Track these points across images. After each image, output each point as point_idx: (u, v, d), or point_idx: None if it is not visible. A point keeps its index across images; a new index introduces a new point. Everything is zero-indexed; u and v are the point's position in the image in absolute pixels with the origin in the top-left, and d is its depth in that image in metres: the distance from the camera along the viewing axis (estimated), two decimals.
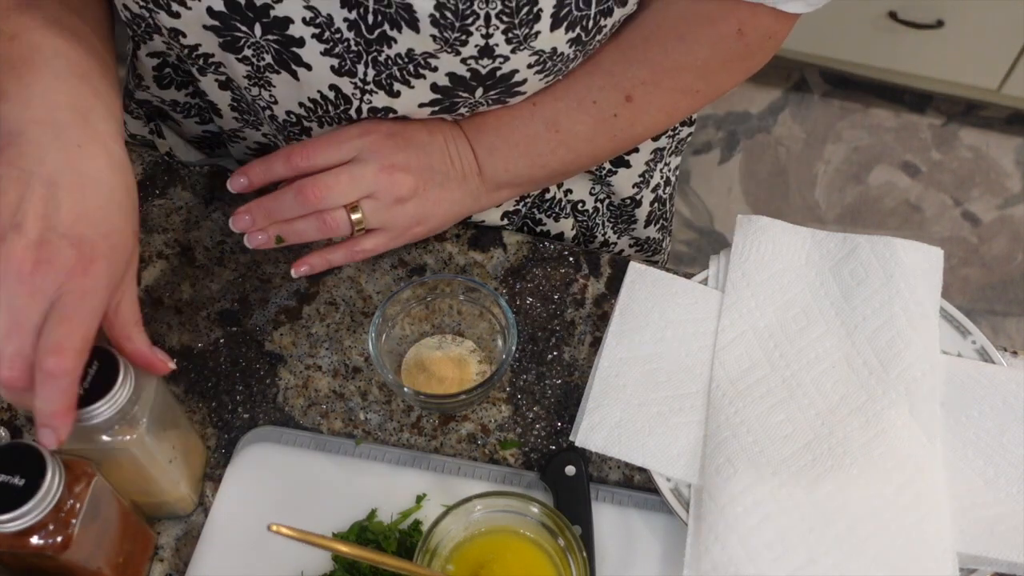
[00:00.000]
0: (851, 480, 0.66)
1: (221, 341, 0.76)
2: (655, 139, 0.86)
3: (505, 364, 0.69)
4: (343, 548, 0.58)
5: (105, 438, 0.58)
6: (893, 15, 1.94)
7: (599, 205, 0.90)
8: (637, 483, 0.70)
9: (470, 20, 0.58)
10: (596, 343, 0.76)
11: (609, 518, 0.68)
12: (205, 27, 0.62)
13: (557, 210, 0.87)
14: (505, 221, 0.84)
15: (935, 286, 0.75)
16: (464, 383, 0.74)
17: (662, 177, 0.92)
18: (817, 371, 0.72)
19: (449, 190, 0.72)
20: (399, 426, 0.73)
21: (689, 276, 0.78)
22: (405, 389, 0.68)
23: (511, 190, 0.77)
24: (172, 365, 0.59)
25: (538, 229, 0.88)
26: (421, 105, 0.67)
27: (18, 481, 0.53)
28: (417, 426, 0.73)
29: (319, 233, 0.70)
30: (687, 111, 0.75)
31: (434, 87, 0.65)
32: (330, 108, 0.68)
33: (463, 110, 0.69)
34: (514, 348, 0.69)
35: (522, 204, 0.84)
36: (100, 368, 0.56)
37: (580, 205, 0.89)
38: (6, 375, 0.51)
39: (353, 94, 0.66)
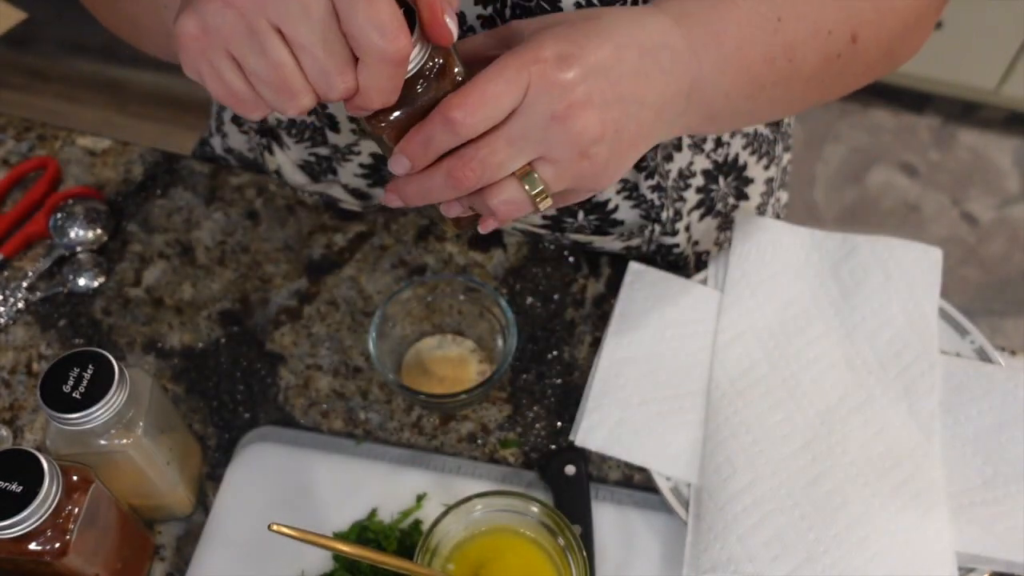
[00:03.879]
0: (850, 479, 0.66)
1: (222, 341, 0.76)
2: (765, 167, 0.82)
3: (505, 364, 0.69)
4: (343, 548, 0.58)
5: (102, 442, 0.58)
6: None
7: (718, 249, 0.85)
8: (637, 483, 0.70)
9: None
10: (596, 343, 0.76)
11: (609, 518, 0.68)
12: None
13: (679, 262, 0.84)
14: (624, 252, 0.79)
15: (934, 286, 0.75)
16: (464, 383, 0.74)
17: (773, 212, 0.88)
18: (816, 371, 0.72)
19: (645, 122, 0.54)
20: (399, 426, 0.73)
21: (689, 276, 0.78)
22: (405, 389, 0.68)
23: (707, 125, 0.61)
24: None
25: None
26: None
27: (16, 487, 0.53)
28: (417, 426, 0.73)
29: (495, 218, 0.54)
30: (878, 72, 0.65)
31: None
32: None
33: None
34: (514, 348, 0.69)
35: (646, 248, 0.80)
36: (96, 372, 0.57)
37: (704, 256, 0.86)
38: (342, 93, 0.46)
39: None
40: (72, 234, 0.79)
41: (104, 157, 0.87)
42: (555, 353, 0.76)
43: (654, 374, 0.72)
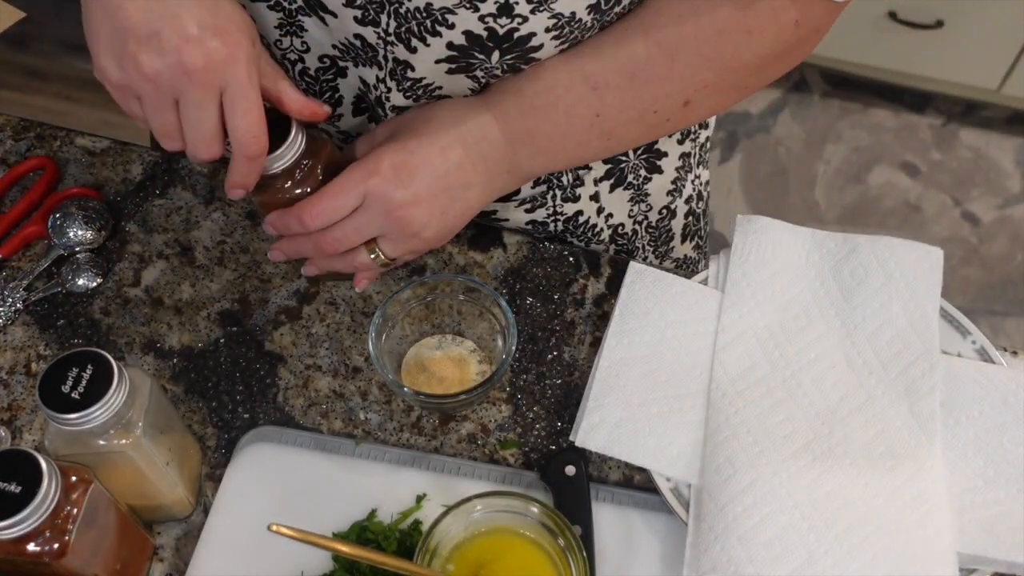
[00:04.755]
0: (851, 480, 0.66)
1: (221, 341, 0.76)
2: (679, 142, 0.85)
3: (505, 364, 0.69)
4: (343, 548, 0.58)
5: (101, 443, 0.58)
6: (893, 15, 1.94)
7: (638, 227, 0.88)
8: (637, 483, 0.70)
9: None
10: (596, 343, 0.76)
11: (609, 518, 0.68)
12: None
13: (591, 235, 0.85)
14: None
15: (935, 286, 0.75)
16: (464, 383, 0.74)
17: (694, 189, 0.91)
18: (817, 371, 0.72)
19: (471, 198, 0.70)
20: (399, 426, 0.73)
21: (689, 276, 0.78)
22: (405, 389, 0.68)
23: (545, 173, 0.75)
24: (327, 109, 0.65)
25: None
26: (438, 61, 0.65)
27: (15, 488, 0.53)
28: (417, 426, 0.73)
29: (353, 269, 0.71)
30: (723, 109, 0.73)
31: (450, 45, 0.63)
32: (360, 53, 0.68)
33: (479, 73, 0.66)
34: (514, 348, 0.69)
35: (553, 225, 0.83)
36: (95, 372, 0.56)
37: (620, 228, 0.87)
38: (204, 156, 0.60)
39: (377, 44, 0.66)
40: (71, 234, 0.79)
41: (103, 157, 0.87)
42: (555, 353, 0.76)
43: (654, 374, 0.72)
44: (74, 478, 0.56)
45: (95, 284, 0.78)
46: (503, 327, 0.71)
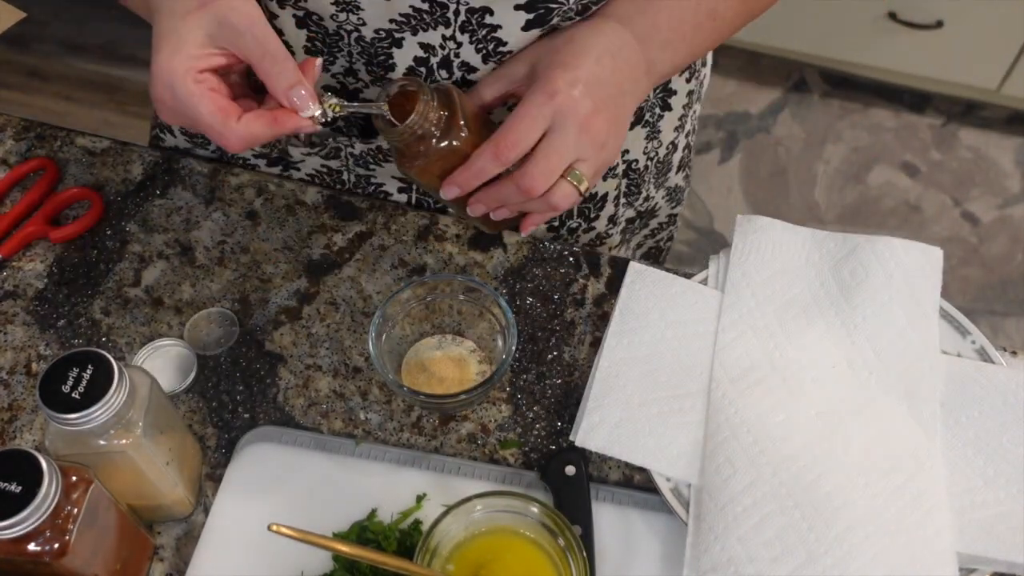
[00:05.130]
0: (851, 480, 0.66)
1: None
2: (687, 80, 0.88)
3: (505, 364, 0.69)
4: (343, 548, 0.58)
5: (101, 442, 0.58)
6: (893, 15, 1.94)
7: (648, 163, 0.91)
8: (637, 483, 0.70)
9: None
10: (596, 343, 0.76)
11: (609, 518, 0.68)
12: None
13: (608, 171, 0.88)
14: None
15: (935, 286, 0.75)
16: (464, 383, 0.74)
17: (691, 124, 0.95)
18: (817, 371, 0.72)
19: (629, 104, 0.71)
20: (399, 426, 0.73)
21: (689, 276, 0.78)
22: (405, 389, 0.68)
23: (661, 81, 0.78)
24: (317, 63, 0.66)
25: None
26: (516, 7, 0.67)
27: (15, 488, 0.53)
28: (417, 426, 0.73)
29: (552, 207, 0.69)
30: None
31: None
32: (424, 16, 0.68)
33: (555, 20, 0.69)
34: (514, 348, 0.69)
35: None
36: (95, 372, 0.56)
37: (634, 164, 0.90)
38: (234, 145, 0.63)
39: (449, 1, 0.67)
40: None
41: (103, 157, 0.87)
42: (555, 353, 0.76)
43: (654, 374, 0.72)
44: (74, 478, 0.56)
45: None
46: (503, 327, 0.71)
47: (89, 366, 0.56)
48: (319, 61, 0.65)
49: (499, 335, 0.72)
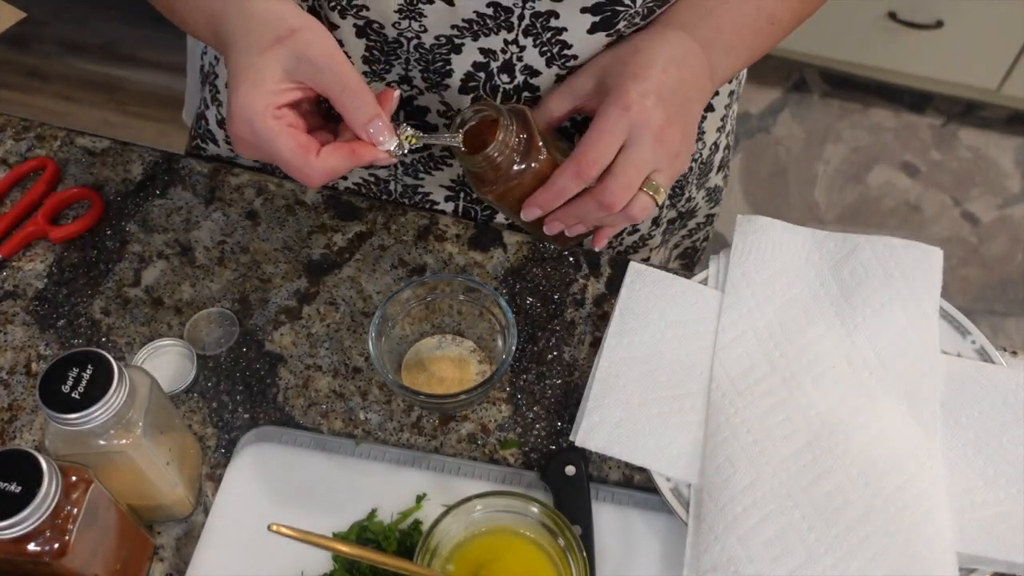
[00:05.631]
0: (851, 480, 0.66)
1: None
2: (728, 82, 0.88)
3: (505, 364, 0.69)
4: (343, 548, 0.58)
5: (101, 442, 0.58)
6: (893, 15, 1.94)
7: (693, 164, 0.92)
8: (637, 483, 0.70)
9: None
10: (596, 343, 0.76)
11: (609, 518, 0.68)
12: None
13: None
14: None
15: (935, 286, 0.75)
16: (464, 383, 0.74)
17: (731, 124, 0.96)
18: (817, 371, 0.72)
19: (696, 112, 0.72)
20: (399, 426, 0.73)
21: (689, 276, 0.78)
22: (405, 389, 0.68)
23: (721, 85, 0.78)
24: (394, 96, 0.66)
25: None
26: (583, 10, 0.67)
27: (15, 488, 0.53)
28: (417, 426, 0.73)
29: (631, 220, 0.70)
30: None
31: None
32: (487, 21, 0.69)
33: (621, 24, 0.69)
34: (514, 348, 0.69)
35: None
36: (95, 372, 0.56)
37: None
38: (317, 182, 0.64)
39: (515, 5, 0.67)
40: None
41: (103, 157, 0.87)
42: (555, 353, 0.76)
43: (654, 374, 0.72)
44: (74, 478, 0.56)
45: None
46: (503, 327, 0.71)
47: (89, 366, 0.56)
48: (397, 93, 0.66)
49: (499, 335, 0.72)
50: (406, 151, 0.65)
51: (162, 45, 2.18)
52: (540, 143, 0.67)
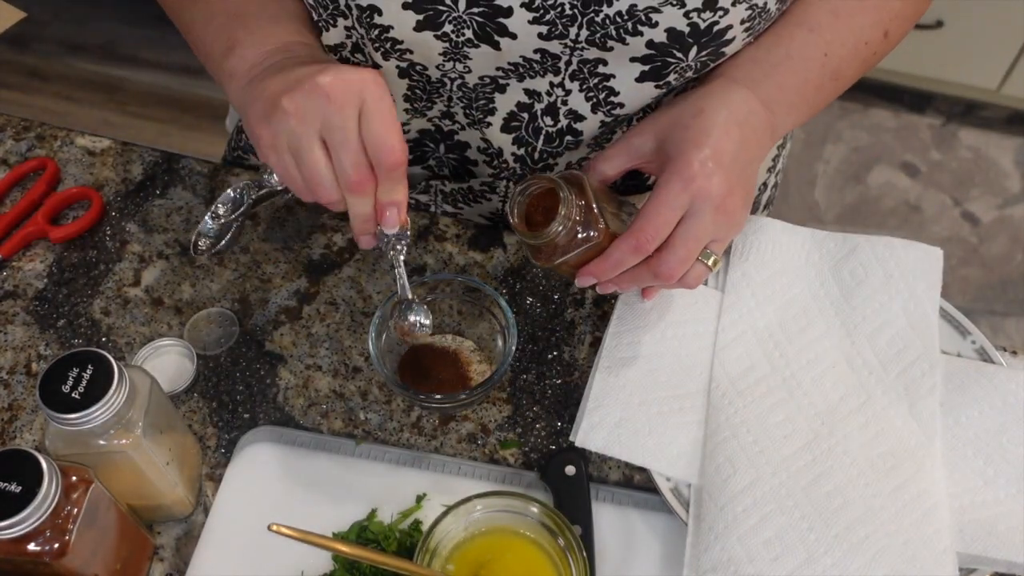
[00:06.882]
0: (851, 480, 0.66)
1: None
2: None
3: (505, 364, 0.69)
4: (343, 548, 0.58)
5: (101, 443, 0.58)
6: None
7: None
8: (637, 483, 0.70)
9: None
10: (596, 343, 0.76)
11: (609, 518, 0.68)
12: (404, 5, 0.62)
13: None
14: None
15: (935, 286, 0.75)
16: (464, 383, 0.74)
17: (781, 163, 0.95)
18: (817, 371, 0.72)
19: (755, 173, 0.69)
20: (399, 426, 0.73)
21: None
22: (405, 389, 0.68)
23: (779, 139, 0.76)
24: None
25: None
26: (632, 59, 0.66)
27: (15, 488, 0.53)
28: (417, 426, 0.73)
29: (686, 286, 0.68)
30: (904, 36, 0.76)
31: (649, 44, 0.64)
32: (534, 65, 0.68)
33: (671, 76, 0.68)
34: (514, 348, 0.69)
35: None
36: (95, 372, 0.56)
37: None
38: (354, 179, 0.60)
39: (562, 52, 0.66)
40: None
41: (103, 157, 0.87)
42: (555, 353, 0.76)
43: (654, 374, 0.72)
44: (74, 478, 0.56)
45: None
46: (503, 327, 0.71)
47: (89, 366, 0.56)
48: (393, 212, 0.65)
49: (499, 335, 0.72)
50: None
51: (162, 45, 2.18)
52: (596, 210, 0.65)
